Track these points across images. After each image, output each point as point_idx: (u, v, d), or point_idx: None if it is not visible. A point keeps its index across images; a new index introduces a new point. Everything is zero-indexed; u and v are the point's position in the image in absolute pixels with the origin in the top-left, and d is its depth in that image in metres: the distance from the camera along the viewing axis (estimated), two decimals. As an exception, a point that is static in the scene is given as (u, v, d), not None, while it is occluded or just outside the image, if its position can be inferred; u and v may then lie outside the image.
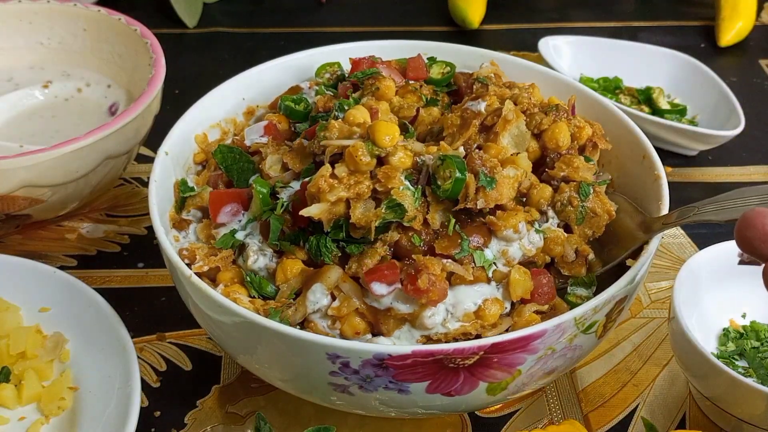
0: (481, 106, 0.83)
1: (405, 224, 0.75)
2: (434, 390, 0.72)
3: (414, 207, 0.75)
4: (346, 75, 0.94)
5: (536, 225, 0.80)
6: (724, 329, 0.93)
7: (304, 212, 0.75)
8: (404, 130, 0.82)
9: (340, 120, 0.80)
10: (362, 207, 0.75)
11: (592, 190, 0.81)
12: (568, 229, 0.81)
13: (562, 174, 0.81)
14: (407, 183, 0.76)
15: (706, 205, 0.76)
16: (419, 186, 0.76)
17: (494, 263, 0.77)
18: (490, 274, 0.77)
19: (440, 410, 0.79)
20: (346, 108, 0.82)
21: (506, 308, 0.77)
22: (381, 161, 0.76)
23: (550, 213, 0.81)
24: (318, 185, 0.75)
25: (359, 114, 0.80)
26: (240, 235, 0.81)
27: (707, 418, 0.87)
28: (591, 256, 0.81)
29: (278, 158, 0.84)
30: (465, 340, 0.74)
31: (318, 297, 0.76)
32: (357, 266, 0.75)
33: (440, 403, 0.74)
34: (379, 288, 0.73)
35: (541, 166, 0.84)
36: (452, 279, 0.76)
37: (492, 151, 0.79)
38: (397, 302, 0.74)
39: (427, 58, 0.95)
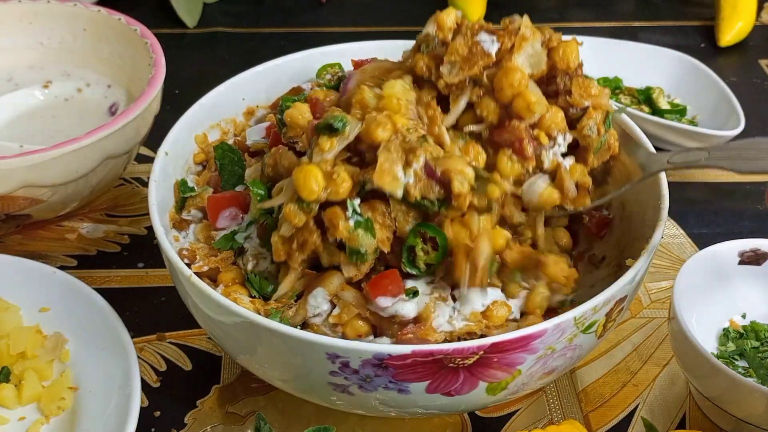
0: (494, 47, 0.76)
1: (371, 257, 0.74)
2: (434, 390, 0.72)
3: (372, 242, 0.73)
4: (347, 76, 0.94)
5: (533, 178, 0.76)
6: (724, 329, 0.93)
7: (272, 300, 0.77)
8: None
9: (281, 145, 0.79)
10: (326, 253, 0.75)
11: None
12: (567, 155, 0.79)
13: (585, 103, 0.77)
14: (355, 219, 0.73)
15: (717, 152, 0.73)
16: (368, 217, 0.73)
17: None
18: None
19: (440, 410, 0.79)
20: (288, 106, 0.80)
21: (514, 314, 0.77)
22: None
23: (560, 139, 0.77)
24: (280, 257, 0.75)
25: (297, 113, 0.78)
26: (239, 237, 0.81)
27: (707, 418, 0.87)
28: (591, 187, 0.79)
29: (257, 168, 0.83)
30: (469, 339, 0.74)
31: (319, 302, 0.76)
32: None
33: (440, 403, 0.74)
34: (384, 301, 0.74)
35: (546, 84, 0.79)
36: (460, 283, 0.76)
37: (514, 75, 0.74)
38: (402, 310, 0.74)
39: None
